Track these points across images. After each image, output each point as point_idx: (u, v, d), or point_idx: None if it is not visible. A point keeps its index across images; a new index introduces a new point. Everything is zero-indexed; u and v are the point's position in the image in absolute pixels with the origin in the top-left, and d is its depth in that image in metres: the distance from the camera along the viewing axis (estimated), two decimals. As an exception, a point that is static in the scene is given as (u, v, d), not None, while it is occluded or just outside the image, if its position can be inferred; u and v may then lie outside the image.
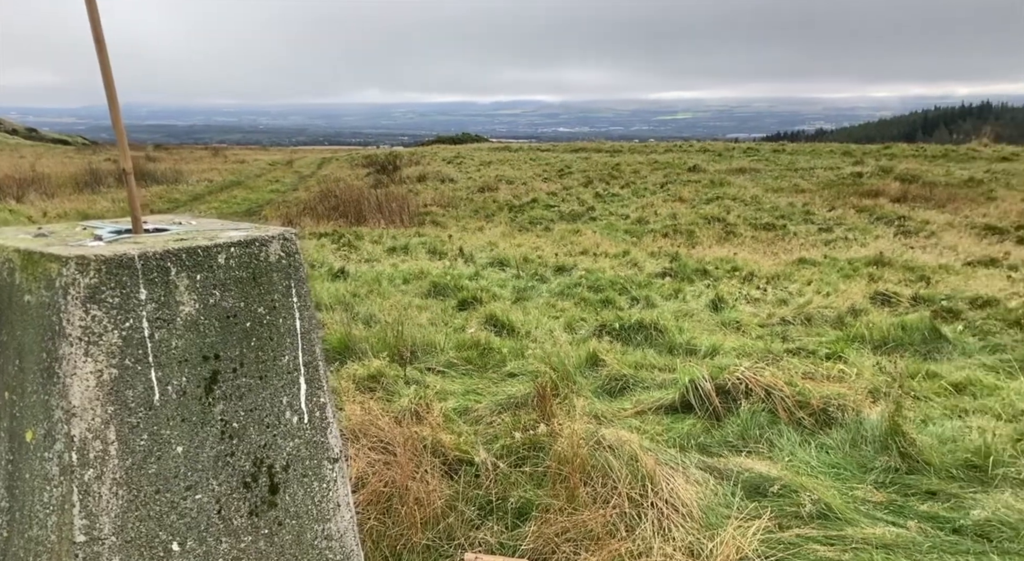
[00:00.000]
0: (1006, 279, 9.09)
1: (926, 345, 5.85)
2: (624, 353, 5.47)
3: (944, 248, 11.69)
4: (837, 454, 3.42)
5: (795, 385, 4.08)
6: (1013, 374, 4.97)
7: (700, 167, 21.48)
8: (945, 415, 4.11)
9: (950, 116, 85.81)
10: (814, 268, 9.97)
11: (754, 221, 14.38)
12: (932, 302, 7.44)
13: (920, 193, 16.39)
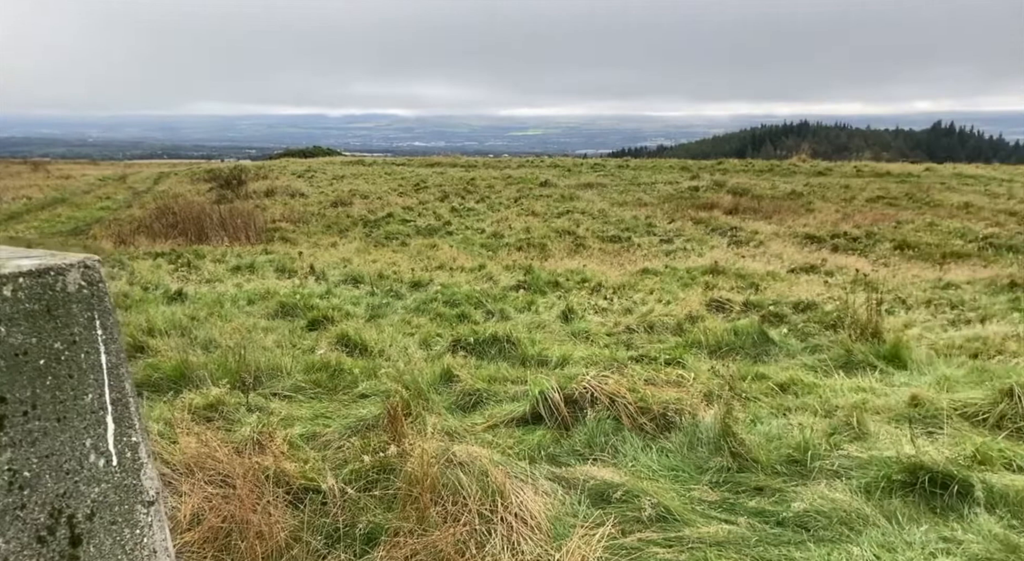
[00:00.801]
0: (823, 284, 9.98)
1: (756, 348, 6.29)
2: (479, 367, 5.50)
3: (771, 256, 12.65)
4: (676, 457, 3.59)
5: (638, 392, 4.25)
6: (829, 372, 5.44)
7: (551, 182, 22.11)
8: (772, 414, 4.42)
9: (775, 133, 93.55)
10: (656, 278, 10.49)
11: (602, 234, 14.95)
12: (761, 307, 8.02)
13: (750, 205, 17.69)
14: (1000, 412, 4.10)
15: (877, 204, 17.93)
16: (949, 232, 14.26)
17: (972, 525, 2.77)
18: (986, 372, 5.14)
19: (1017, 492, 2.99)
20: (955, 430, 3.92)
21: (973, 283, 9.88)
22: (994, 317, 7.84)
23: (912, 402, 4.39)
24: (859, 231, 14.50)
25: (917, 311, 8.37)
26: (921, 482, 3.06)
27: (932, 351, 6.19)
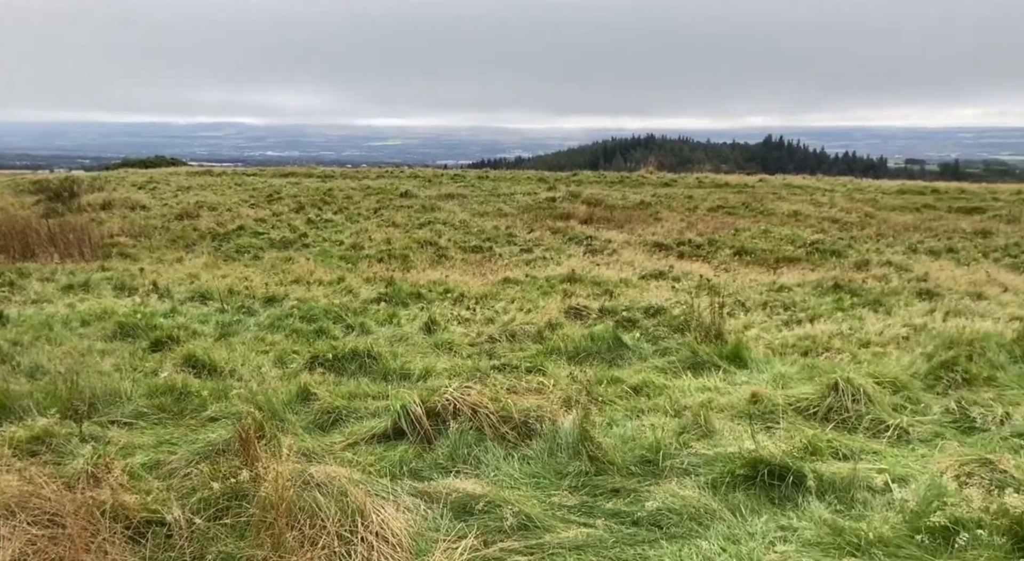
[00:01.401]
0: (671, 289, 10.51)
1: (611, 352, 6.52)
2: (338, 384, 5.35)
3: (624, 264, 13.18)
4: (537, 464, 3.65)
5: (500, 401, 4.29)
6: (678, 373, 5.73)
7: (412, 193, 21.98)
8: (627, 416, 4.60)
9: (625, 146, 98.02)
10: (518, 287, 10.66)
11: (464, 244, 15.02)
12: (615, 313, 8.33)
13: (603, 215, 18.36)
14: (828, 405, 4.48)
15: (717, 213, 19.14)
16: (781, 238, 15.43)
17: (805, 512, 2.99)
18: (815, 368, 5.59)
19: (843, 479, 3.27)
20: (790, 424, 4.24)
21: (803, 285, 10.73)
22: (821, 317, 8.56)
23: (752, 399, 4.70)
24: (702, 238, 15.40)
25: (755, 313, 8.98)
26: (761, 475, 3.28)
27: (769, 350, 6.67)
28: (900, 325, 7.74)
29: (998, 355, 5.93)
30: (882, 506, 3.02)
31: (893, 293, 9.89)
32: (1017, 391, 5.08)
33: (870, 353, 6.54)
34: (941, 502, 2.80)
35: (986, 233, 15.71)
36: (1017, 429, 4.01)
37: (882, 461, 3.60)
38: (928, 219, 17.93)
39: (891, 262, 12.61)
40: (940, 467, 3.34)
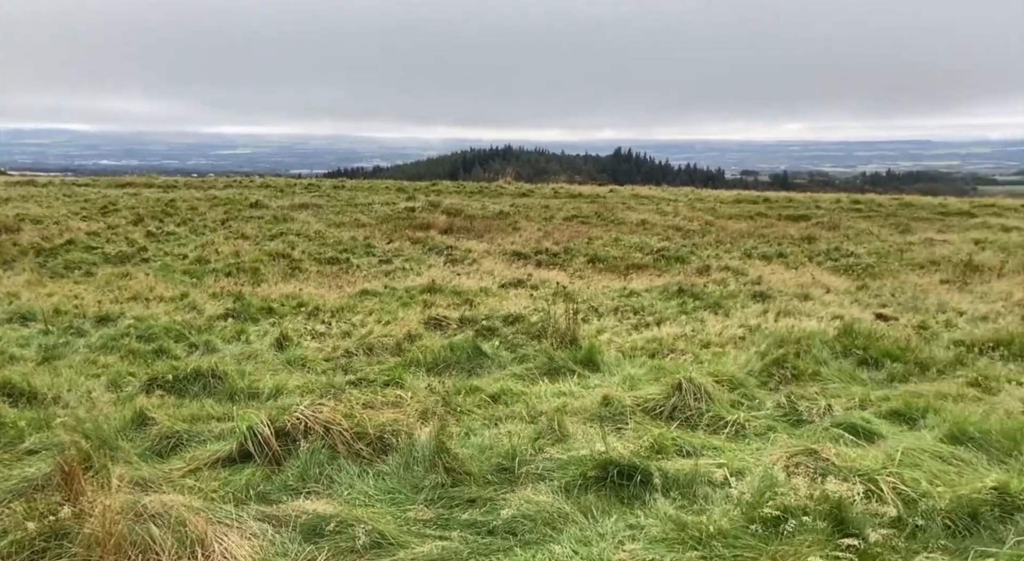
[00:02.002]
0: (530, 297, 10.69)
1: (471, 362, 6.53)
2: (179, 406, 5.02)
3: (484, 273, 13.27)
4: (393, 479, 3.58)
5: (354, 417, 4.17)
6: (535, 380, 5.82)
7: (263, 203, 21.12)
8: (485, 425, 4.61)
9: (483, 156, 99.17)
10: (376, 299, 10.48)
11: (319, 256, 14.59)
12: (475, 322, 8.37)
13: (463, 225, 18.45)
14: (673, 404, 4.70)
15: (572, 222, 19.73)
16: (631, 246, 16.11)
17: (652, 510, 3.11)
18: (662, 369, 5.85)
19: (686, 475, 3.43)
20: (638, 424, 4.41)
21: (651, 290, 11.23)
22: (668, 320, 8.99)
23: (604, 402, 4.85)
24: (558, 247, 15.80)
25: (607, 318, 9.30)
26: (611, 476, 3.38)
27: (620, 353, 6.92)
28: (737, 326, 8.27)
29: (822, 352, 6.45)
30: (722, 499, 3.19)
31: (731, 296, 10.56)
32: (838, 384, 5.56)
33: (711, 353, 6.93)
34: (772, 493, 2.99)
35: (811, 239, 17.12)
36: (837, 420, 4.38)
37: (722, 456, 3.81)
38: (761, 226, 19.31)
39: (729, 267, 13.46)
40: (772, 459, 3.58)
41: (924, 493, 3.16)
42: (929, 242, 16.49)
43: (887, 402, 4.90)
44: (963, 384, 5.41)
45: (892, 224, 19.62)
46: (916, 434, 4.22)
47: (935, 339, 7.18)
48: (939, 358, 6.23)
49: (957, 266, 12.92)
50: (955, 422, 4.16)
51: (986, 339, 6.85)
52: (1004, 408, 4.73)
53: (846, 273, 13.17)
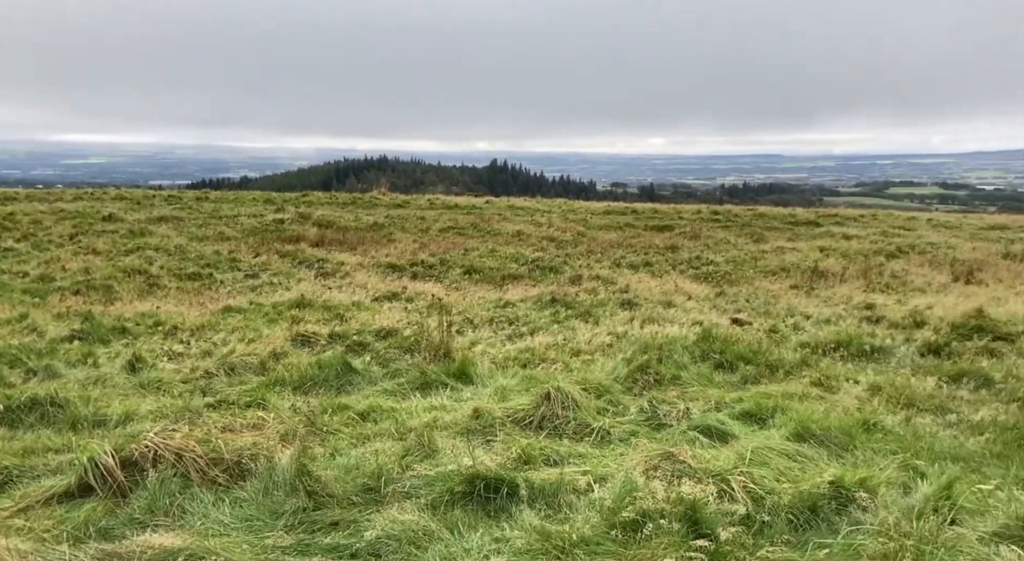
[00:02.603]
0: (404, 310, 10.56)
1: (340, 379, 6.36)
2: (11, 439, 4.59)
3: (357, 286, 13.00)
4: (251, 506, 3.41)
5: (211, 442, 3.96)
6: (406, 395, 5.75)
7: (117, 216, 19.80)
8: (352, 444, 4.48)
9: (357, 167, 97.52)
10: (241, 315, 10.02)
11: (179, 271, 13.82)
12: (346, 338, 8.16)
13: (335, 237, 18.02)
14: (542, 414, 4.76)
15: (449, 234, 19.72)
16: (506, 257, 16.29)
17: (518, 521, 3.13)
18: (533, 379, 5.93)
19: (551, 484, 3.48)
20: (507, 435, 4.43)
21: (525, 301, 11.38)
22: (541, 329, 9.13)
23: (474, 414, 4.85)
24: (434, 259, 15.74)
25: (482, 329, 9.33)
26: (478, 490, 3.37)
27: (493, 365, 6.95)
28: (606, 334, 8.51)
29: (683, 356, 6.75)
30: (585, 507, 3.25)
31: (601, 304, 10.86)
32: (696, 388, 5.82)
33: (580, 361, 7.09)
34: (632, 497, 3.08)
35: (674, 248, 17.93)
36: (695, 422, 4.58)
37: (587, 463, 3.89)
38: (629, 236, 20.04)
39: (599, 276, 13.86)
40: (633, 464, 3.69)
41: (771, 490, 3.35)
42: (780, 250, 17.66)
43: (740, 403, 5.17)
44: (808, 384, 5.80)
45: (747, 233, 20.87)
46: (766, 433, 4.47)
47: (784, 342, 7.66)
48: (787, 360, 6.65)
49: (805, 272, 13.88)
50: (800, 421, 4.44)
51: (829, 341, 7.39)
52: (842, 406, 5.11)
53: (706, 280, 13.87)
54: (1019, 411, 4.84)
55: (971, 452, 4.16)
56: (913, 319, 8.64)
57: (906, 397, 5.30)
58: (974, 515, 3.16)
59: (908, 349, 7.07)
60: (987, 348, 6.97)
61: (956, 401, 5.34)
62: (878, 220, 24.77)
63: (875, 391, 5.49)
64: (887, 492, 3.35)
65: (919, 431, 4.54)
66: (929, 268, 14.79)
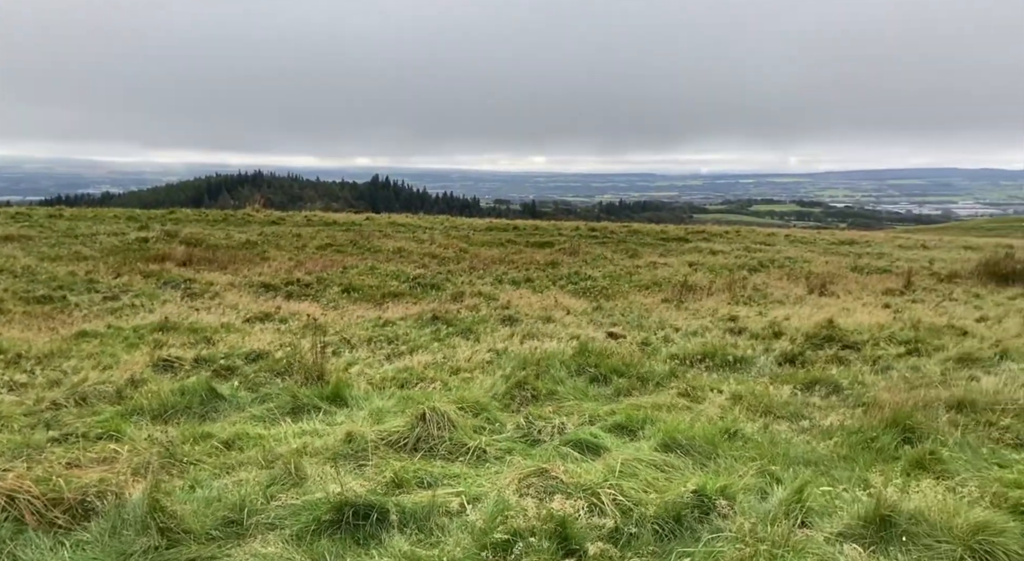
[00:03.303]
0: (277, 332, 10.18)
1: (204, 406, 6.03)
2: None
3: (227, 307, 12.43)
4: (95, 549, 3.15)
5: (51, 480, 3.63)
6: (276, 421, 5.51)
7: (-48, 234, 18.08)
8: (214, 475, 4.24)
9: (231, 182, 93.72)
10: (97, 340, 9.34)
11: (27, 295, 12.74)
12: (213, 362, 7.76)
13: (205, 256, 17.19)
14: (417, 435, 4.68)
15: (327, 251, 19.25)
16: (387, 274, 16.06)
17: (388, 548, 3.04)
18: (410, 400, 5.84)
19: (424, 508, 3.41)
20: (381, 459, 4.32)
21: (406, 319, 11.25)
22: (421, 348, 9.03)
23: (347, 439, 4.70)
24: (311, 277, 15.30)
25: (360, 349, 9.13)
26: (346, 517, 3.26)
27: (370, 386, 6.80)
28: (486, 350, 8.53)
29: (560, 371, 6.85)
30: (457, 529, 3.21)
31: (482, 321, 10.89)
32: (572, 402, 5.91)
33: (460, 379, 7.06)
34: (504, 517, 3.06)
35: (555, 264, 18.28)
36: (569, 437, 4.64)
37: (461, 484, 3.85)
38: (511, 253, 20.27)
39: (481, 292, 13.92)
40: (506, 482, 3.68)
41: (639, 501, 3.43)
42: (653, 265, 18.37)
43: (613, 416, 5.29)
44: (676, 395, 6.02)
45: (623, 249, 21.59)
46: (636, 445, 4.59)
47: (656, 354, 7.93)
48: (658, 371, 6.89)
49: (675, 286, 14.48)
50: (667, 432, 4.58)
51: (696, 352, 7.71)
52: (707, 415, 5.32)
53: (584, 295, 14.21)
54: (863, 415, 5.22)
55: (822, 456, 4.43)
56: (772, 330, 9.17)
57: (764, 405, 5.59)
58: (823, 516, 3.35)
59: (767, 359, 7.49)
60: (836, 356, 7.49)
61: (809, 407, 5.69)
62: (741, 236, 26.27)
63: (737, 400, 5.76)
64: (745, 498, 3.51)
65: (776, 437, 4.80)
66: (787, 281, 15.78)
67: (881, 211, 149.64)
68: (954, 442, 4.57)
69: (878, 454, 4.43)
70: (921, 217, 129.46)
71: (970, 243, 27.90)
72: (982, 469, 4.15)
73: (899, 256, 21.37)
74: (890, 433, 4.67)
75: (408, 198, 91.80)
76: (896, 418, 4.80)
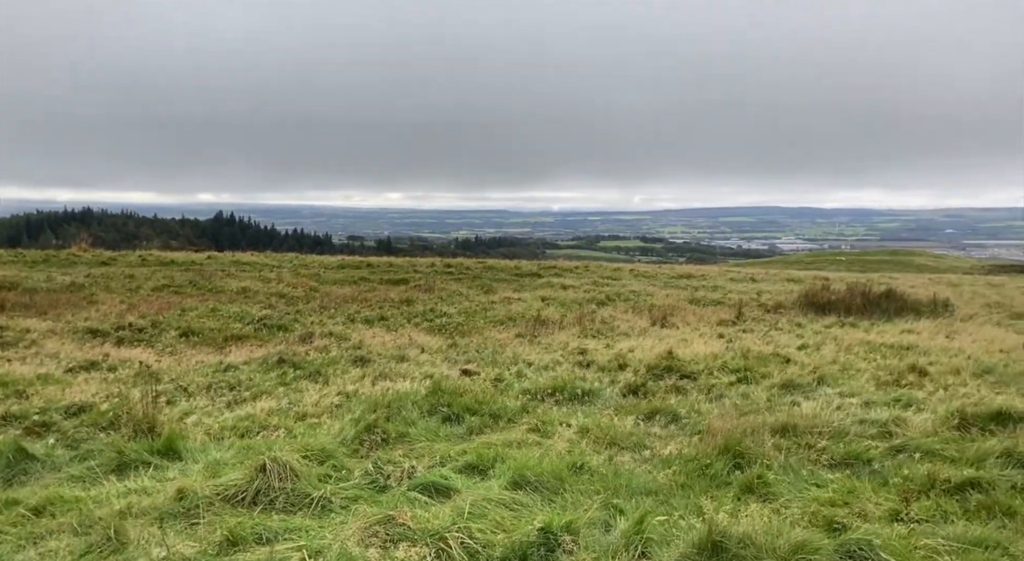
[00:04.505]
0: (104, 381, 9.37)
1: (11, 469, 5.42)
2: None
3: (46, 356, 11.32)
4: None
5: None
6: (98, 480, 5.04)
7: None
8: (18, 547, 3.80)
9: (55, 220, 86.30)
10: None
11: None
12: (25, 418, 7.03)
13: (21, 300, 15.64)
14: (256, 488, 4.42)
15: (163, 292, 18.05)
16: (230, 316, 15.26)
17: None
18: (251, 450, 5.52)
19: (259, 566, 3.21)
20: (215, 516, 4.04)
21: (250, 363, 10.71)
22: (265, 394, 8.61)
23: (178, 495, 4.37)
24: (145, 321, 14.26)
25: (199, 397, 8.57)
26: (172, 585, 3.00)
27: (207, 436, 6.38)
28: (335, 393, 8.26)
29: (412, 412, 6.75)
30: (294, 587, 3.04)
31: (332, 362, 10.57)
32: (424, 444, 5.83)
33: (306, 425, 6.78)
34: (346, 570, 2.94)
35: (409, 301, 18.12)
36: (418, 481, 4.55)
37: (302, 537, 3.67)
38: (364, 291, 19.89)
39: (332, 333, 13.52)
40: (350, 532, 3.55)
41: (487, 543, 3.40)
42: (508, 300, 18.65)
43: (464, 456, 5.26)
44: (526, 430, 6.08)
45: (478, 285, 21.79)
46: (486, 484, 4.58)
47: (508, 389, 8.01)
48: (510, 407, 6.94)
49: (529, 321, 14.75)
50: (516, 469, 4.61)
51: (547, 386, 7.86)
52: (556, 450, 5.41)
53: (440, 332, 14.15)
54: (699, 443, 5.50)
55: (661, 485, 4.62)
56: (618, 362, 9.52)
57: (610, 437, 5.77)
58: (662, 545, 3.48)
59: (613, 390, 7.76)
60: (675, 386, 7.88)
61: (651, 437, 5.92)
62: (590, 271, 27.29)
63: (584, 433, 5.90)
64: (589, 533, 3.58)
65: (619, 469, 4.95)
66: (632, 314, 16.51)
67: (715, 246, 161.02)
68: (779, 465, 4.91)
69: (712, 480, 4.68)
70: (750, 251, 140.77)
71: (792, 276, 30.51)
72: (803, 490, 4.47)
73: (731, 288, 22.95)
74: (722, 460, 4.95)
75: (255, 235, 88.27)
76: (727, 445, 5.09)
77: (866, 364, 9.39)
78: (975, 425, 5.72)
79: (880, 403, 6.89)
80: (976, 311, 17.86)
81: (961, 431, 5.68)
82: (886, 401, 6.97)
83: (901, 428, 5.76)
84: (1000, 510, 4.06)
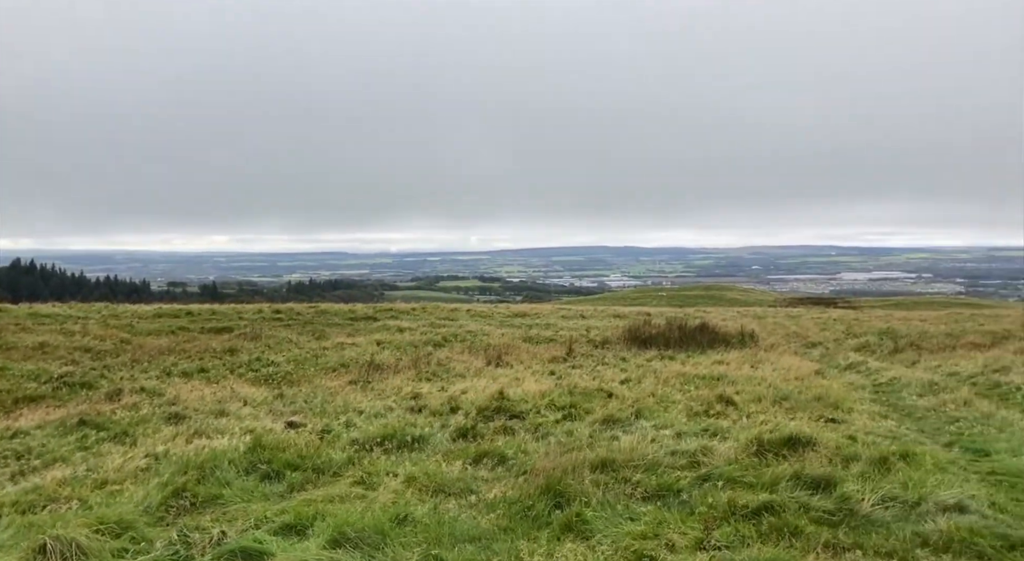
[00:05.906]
0: None
1: None
2: None
3: None
4: None
5: None
6: None
7: None
8: None
9: None
10: None
11: None
12: None
13: None
14: (34, 572, 3.95)
15: (-60, 352, 15.96)
16: (23, 375, 13.74)
17: None
18: (34, 527, 4.93)
19: None
20: (-19, 611, 3.55)
21: (44, 427, 9.64)
22: (60, 461, 7.77)
23: (-64, 591, 3.80)
24: (-87, 386, 12.51)
25: (-22, 471, 7.58)
26: None
27: (-18, 518, 5.63)
28: (142, 456, 7.59)
29: (228, 472, 6.32)
30: None
31: (142, 421, 9.74)
32: (239, 505, 5.47)
33: (105, 493, 6.16)
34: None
35: (234, 350, 17.17)
36: (229, 547, 4.25)
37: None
38: (183, 341, 18.62)
39: (144, 388, 12.49)
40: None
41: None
42: (341, 346, 18.14)
43: (283, 516, 4.99)
44: (351, 483, 5.88)
45: (310, 331, 21.07)
46: (304, 545, 4.36)
47: (336, 441, 7.73)
48: (335, 460, 6.69)
49: (363, 366, 14.41)
50: (336, 526, 4.43)
51: (377, 435, 7.66)
52: (381, 502, 5.26)
53: (266, 383, 13.49)
54: (524, 483, 5.56)
55: (484, 530, 4.61)
56: (450, 405, 9.50)
57: (437, 483, 5.70)
58: (479, 594, 3.45)
59: (443, 435, 7.71)
60: (504, 427, 7.96)
61: (478, 481, 5.92)
62: (427, 312, 27.23)
63: (411, 482, 5.79)
64: (406, 588, 3.49)
65: (444, 517, 4.89)
66: (468, 354, 16.59)
67: (550, 284, 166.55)
68: (597, 501, 5.06)
69: (534, 522, 4.73)
70: (582, 289, 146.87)
71: (619, 312, 32.09)
72: (618, 525, 4.63)
73: (563, 326, 23.74)
74: (544, 499, 5.04)
75: (60, 284, 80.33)
76: (549, 484, 5.19)
77: (681, 395, 9.99)
78: (770, 451, 6.22)
79: (690, 433, 7.33)
80: (778, 341, 19.62)
81: (759, 457, 6.14)
82: (696, 431, 7.43)
83: (708, 457, 6.14)
84: (788, 531, 4.42)
